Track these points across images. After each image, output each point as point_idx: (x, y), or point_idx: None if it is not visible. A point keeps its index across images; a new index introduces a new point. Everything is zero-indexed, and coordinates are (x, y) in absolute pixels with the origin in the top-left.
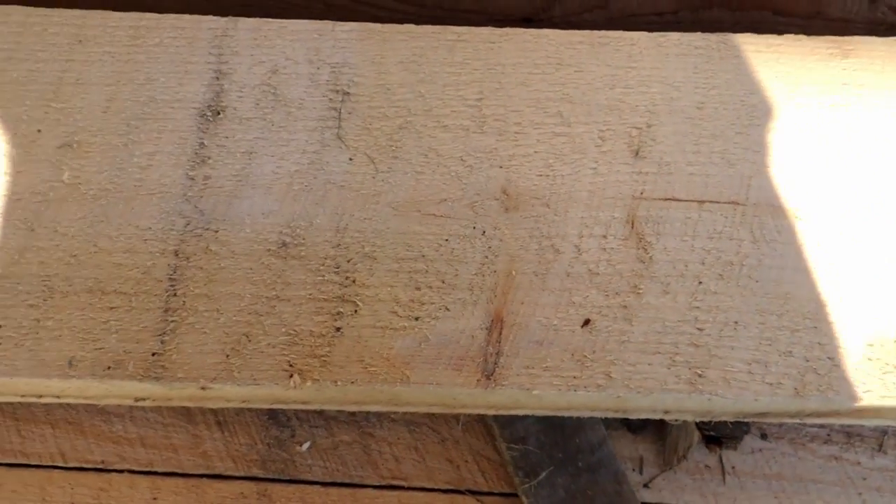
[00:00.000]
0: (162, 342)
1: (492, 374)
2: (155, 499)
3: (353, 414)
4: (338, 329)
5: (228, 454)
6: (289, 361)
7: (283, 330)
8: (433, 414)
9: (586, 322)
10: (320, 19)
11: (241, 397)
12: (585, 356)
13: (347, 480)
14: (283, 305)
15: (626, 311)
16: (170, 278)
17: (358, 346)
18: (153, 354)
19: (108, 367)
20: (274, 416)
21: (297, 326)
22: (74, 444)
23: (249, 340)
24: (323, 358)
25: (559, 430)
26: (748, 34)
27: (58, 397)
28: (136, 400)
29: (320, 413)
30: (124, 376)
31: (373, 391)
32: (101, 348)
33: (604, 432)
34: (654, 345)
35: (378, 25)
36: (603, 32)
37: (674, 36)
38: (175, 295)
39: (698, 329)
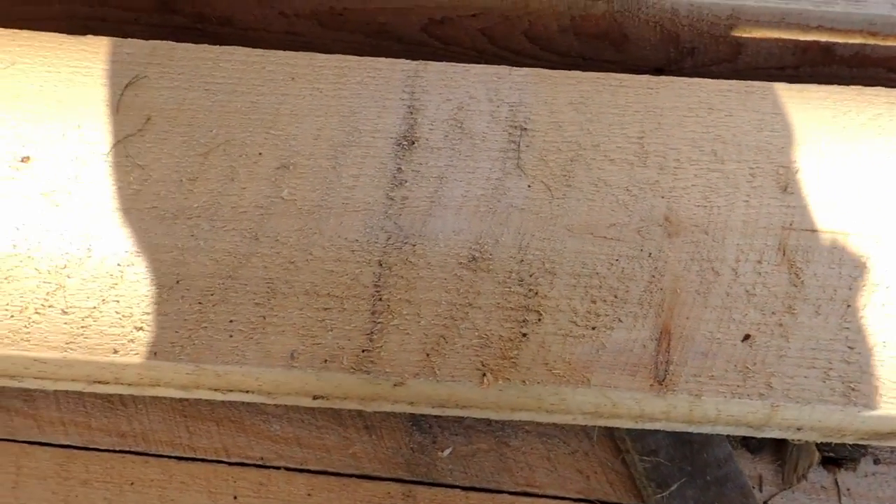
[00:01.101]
0: (370, 340)
1: (664, 380)
2: (309, 495)
3: (489, 423)
4: (524, 335)
5: (376, 456)
6: (481, 361)
7: (476, 334)
8: (564, 427)
9: (746, 337)
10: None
11: (425, 397)
12: (747, 367)
13: (485, 486)
14: (475, 312)
15: (782, 329)
16: (375, 285)
17: (542, 351)
18: (363, 351)
19: (325, 361)
20: (417, 423)
21: (488, 331)
22: (236, 441)
23: (446, 342)
24: (512, 360)
25: (688, 444)
26: (879, 87)
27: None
28: (315, 398)
29: (459, 421)
30: (339, 369)
31: (547, 393)
32: (318, 343)
33: (729, 448)
34: (809, 360)
35: (549, 71)
36: (748, 82)
37: (814, 86)
38: (380, 300)
39: (849, 348)
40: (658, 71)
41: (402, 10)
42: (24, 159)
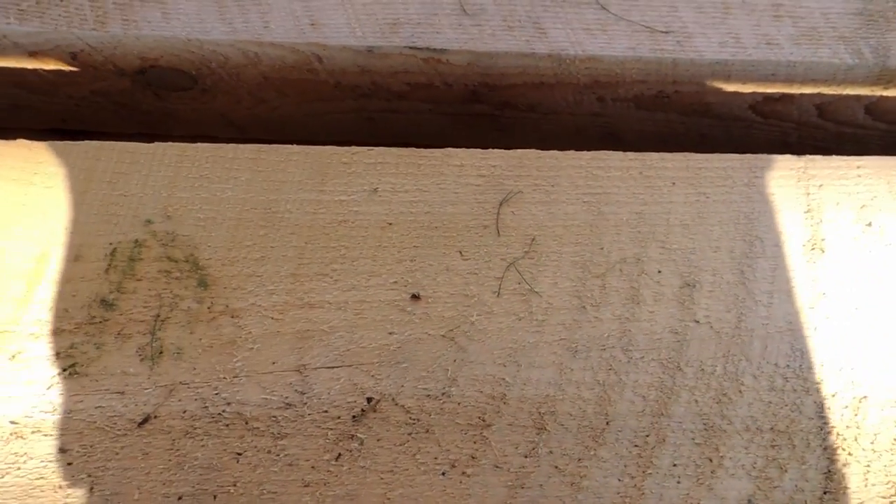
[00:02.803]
0: (829, 480)
1: None
2: None
3: None
4: None
5: None
6: None
7: None
8: None
9: None
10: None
11: None
12: None
13: None
14: None
15: None
16: (819, 416)
17: None
18: (825, 493)
19: None
20: None
21: None
22: None
23: None
24: None
25: None
26: None
27: None
28: None
29: None
30: None
31: None
32: (775, 486)
33: None
34: None
35: None
36: None
37: None
38: (830, 433)
39: None
40: None
41: (734, 94)
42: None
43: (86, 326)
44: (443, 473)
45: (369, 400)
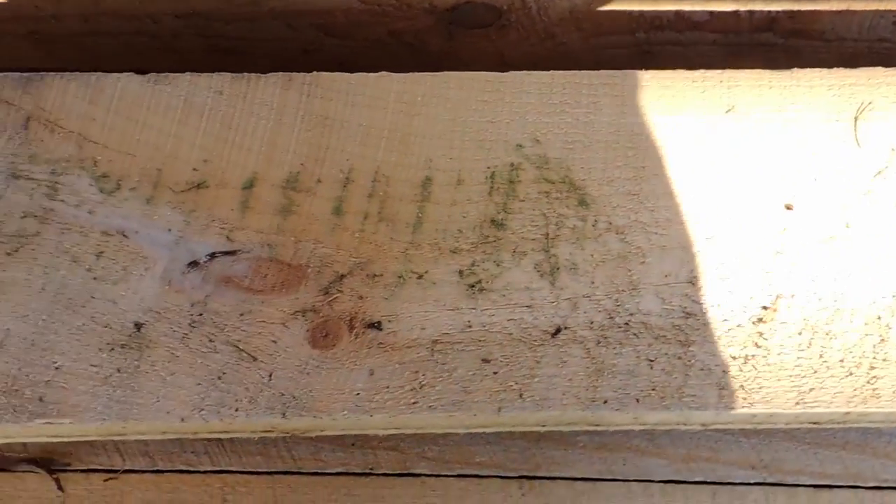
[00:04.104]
0: None
1: None
2: None
3: None
4: None
5: None
6: None
7: None
8: None
9: None
10: None
11: None
12: None
13: None
14: None
15: None
16: None
17: None
18: None
19: None
20: None
21: None
22: None
23: None
24: None
25: None
26: None
27: None
28: None
29: None
30: None
31: None
32: None
33: None
34: None
35: None
36: None
37: None
38: None
39: None
40: None
41: None
42: (788, 206)
43: (482, 245)
44: (849, 374)
45: (764, 308)
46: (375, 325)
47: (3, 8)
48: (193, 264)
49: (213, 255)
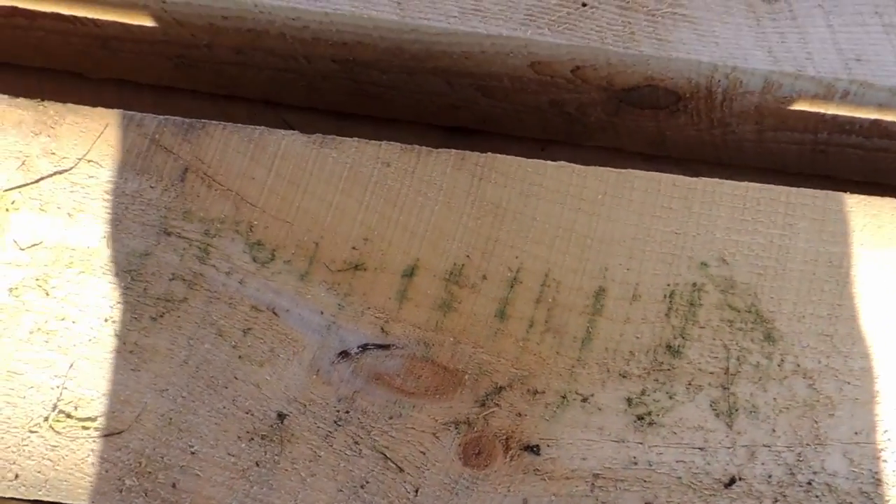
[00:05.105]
0: None
1: None
2: None
3: None
4: None
5: None
6: None
7: None
8: None
9: None
10: None
11: None
12: None
13: None
14: None
15: None
16: None
17: None
18: None
19: None
20: None
21: None
22: None
23: None
24: None
25: None
26: None
27: None
28: None
29: None
30: None
31: None
32: None
33: None
34: None
35: None
36: None
37: None
38: None
39: None
40: None
41: None
42: None
43: (654, 373)
44: None
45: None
46: (533, 449)
47: (156, 31)
48: (344, 354)
49: (365, 347)
